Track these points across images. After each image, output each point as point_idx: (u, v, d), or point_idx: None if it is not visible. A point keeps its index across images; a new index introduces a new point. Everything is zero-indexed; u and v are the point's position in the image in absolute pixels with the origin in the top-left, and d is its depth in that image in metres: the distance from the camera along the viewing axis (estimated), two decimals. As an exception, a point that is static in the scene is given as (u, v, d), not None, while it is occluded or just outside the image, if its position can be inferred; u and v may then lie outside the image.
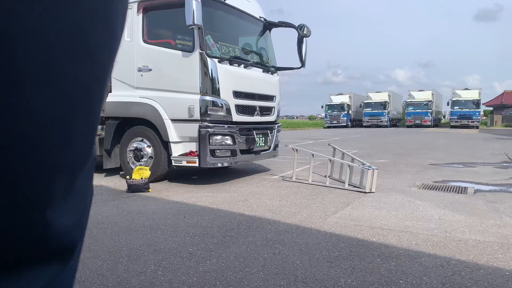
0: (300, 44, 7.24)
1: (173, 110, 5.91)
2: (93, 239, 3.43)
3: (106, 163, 6.67)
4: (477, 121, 35.72)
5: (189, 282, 2.55)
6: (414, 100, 39.65)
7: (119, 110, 6.41)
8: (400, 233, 3.62)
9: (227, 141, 5.95)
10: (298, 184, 6.19)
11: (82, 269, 2.74)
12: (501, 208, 4.61)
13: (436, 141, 17.27)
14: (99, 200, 5.07)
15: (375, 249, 3.19)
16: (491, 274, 2.69)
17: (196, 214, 4.31)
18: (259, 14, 7.19)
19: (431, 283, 2.53)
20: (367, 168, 5.60)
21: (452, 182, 6.50)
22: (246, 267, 2.76)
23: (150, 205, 4.76)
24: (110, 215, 4.26)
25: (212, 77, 5.76)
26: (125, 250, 3.14)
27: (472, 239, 3.46)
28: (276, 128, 7.23)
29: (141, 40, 6.14)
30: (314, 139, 18.32)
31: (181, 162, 5.94)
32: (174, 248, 3.17)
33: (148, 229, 3.74)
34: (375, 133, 26.12)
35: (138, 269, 2.75)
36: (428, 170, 7.93)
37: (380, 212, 4.41)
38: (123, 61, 6.33)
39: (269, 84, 7.15)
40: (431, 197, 5.23)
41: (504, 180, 6.72)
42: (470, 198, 5.22)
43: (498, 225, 3.91)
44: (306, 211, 4.47)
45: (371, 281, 2.57)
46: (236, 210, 4.49)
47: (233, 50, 6.48)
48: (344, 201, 4.97)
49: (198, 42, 5.67)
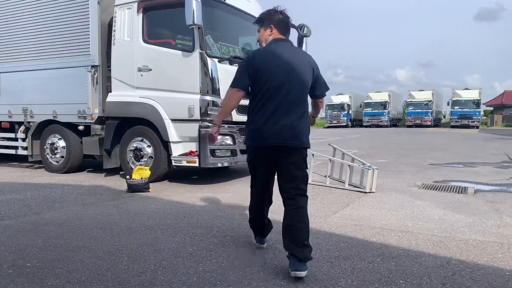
0: (300, 44, 7.23)
1: (173, 110, 5.90)
2: (93, 239, 3.42)
3: (106, 163, 6.67)
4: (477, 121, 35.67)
5: (189, 282, 2.55)
6: (414, 100, 39.61)
7: (119, 110, 6.41)
8: (400, 233, 3.62)
9: (227, 141, 5.94)
10: (298, 184, 6.17)
11: (82, 269, 2.74)
12: (501, 208, 4.61)
13: (436, 141, 17.26)
14: (99, 200, 5.07)
15: (375, 249, 3.19)
16: (491, 274, 2.69)
17: (196, 214, 4.31)
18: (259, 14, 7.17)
19: (431, 283, 2.53)
20: (367, 168, 5.59)
21: (452, 182, 6.50)
22: (246, 267, 2.76)
23: (150, 205, 4.76)
24: (110, 215, 4.26)
25: (212, 77, 5.76)
26: (125, 250, 3.14)
27: (472, 239, 3.46)
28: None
29: (141, 40, 6.14)
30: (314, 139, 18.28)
31: (181, 162, 5.94)
32: (174, 248, 3.17)
33: (148, 229, 3.74)
34: (375, 133, 26.12)
35: (138, 269, 2.75)
36: (428, 170, 7.93)
37: (380, 212, 4.41)
38: (123, 61, 6.33)
39: (269, 84, 7.13)
40: (431, 197, 5.22)
41: (504, 180, 6.71)
42: (470, 198, 5.22)
43: (498, 225, 3.91)
44: (306, 211, 4.46)
45: (371, 281, 2.57)
46: (236, 210, 4.49)
47: (233, 50, 6.48)
48: (344, 201, 4.97)
49: (198, 42, 5.67)
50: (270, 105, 2.69)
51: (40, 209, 4.54)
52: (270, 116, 2.68)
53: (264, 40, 3.02)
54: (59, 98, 7.12)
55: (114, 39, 6.37)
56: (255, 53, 2.94)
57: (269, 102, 2.69)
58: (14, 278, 2.60)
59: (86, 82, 6.74)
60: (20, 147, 7.79)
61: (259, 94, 2.73)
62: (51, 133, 7.40)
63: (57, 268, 2.76)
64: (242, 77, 2.77)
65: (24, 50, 7.52)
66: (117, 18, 6.35)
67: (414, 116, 38.70)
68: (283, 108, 2.68)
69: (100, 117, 6.75)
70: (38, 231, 3.68)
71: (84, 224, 3.90)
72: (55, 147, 7.30)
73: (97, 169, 7.57)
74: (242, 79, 2.77)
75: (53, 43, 7.13)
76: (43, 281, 2.56)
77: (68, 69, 6.98)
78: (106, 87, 6.80)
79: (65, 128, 7.19)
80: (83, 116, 6.87)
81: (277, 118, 2.67)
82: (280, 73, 2.70)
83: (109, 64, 6.57)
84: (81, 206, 4.74)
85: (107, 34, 6.74)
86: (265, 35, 3.01)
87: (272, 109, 2.68)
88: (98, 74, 6.70)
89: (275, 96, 2.69)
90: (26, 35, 7.46)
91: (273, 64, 2.73)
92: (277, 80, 2.69)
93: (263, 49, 2.91)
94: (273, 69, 2.71)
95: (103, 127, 6.74)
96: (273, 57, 2.76)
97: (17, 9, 7.55)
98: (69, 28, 6.94)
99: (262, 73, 2.71)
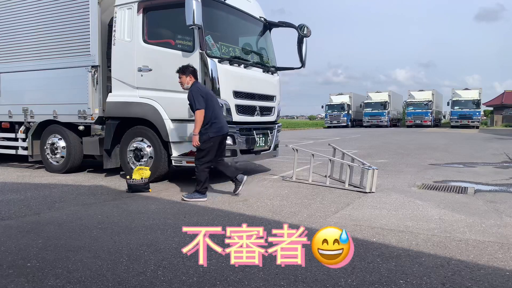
0: (300, 44, 7.24)
1: (173, 110, 5.90)
2: (93, 239, 3.43)
3: (106, 163, 6.66)
4: (477, 121, 35.68)
5: (189, 282, 2.55)
6: (414, 100, 39.60)
7: (119, 110, 6.41)
8: (400, 233, 3.62)
9: (227, 141, 5.94)
10: (298, 184, 6.19)
11: (82, 269, 2.74)
12: (501, 208, 4.61)
13: (436, 141, 17.27)
14: (99, 200, 5.07)
15: (375, 249, 3.19)
16: (491, 274, 2.69)
17: (196, 214, 4.31)
18: (259, 14, 7.18)
19: (431, 283, 2.53)
20: (367, 168, 5.59)
21: (452, 182, 6.50)
22: (246, 267, 2.76)
23: (150, 205, 4.76)
24: (110, 215, 4.26)
25: (212, 77, 5.76)
26: (125, 250, 3.14)
27: (472, 239, 3.46)
28: (276, 128, 7.23)
29: (141, 40, 6.14)
30: (314, 139, 18.32)
31: (181, 162, 5.94)
32: (174, 248, 3.17)
33: (148, 229, 3.74)
34: (375, 133, 26.12)
35: (138, 269, 2.75)
36: (428, 170, 7.93)
37: (380, 212, 4.41)
38: (123, 61, 6.33)
39: (269, 84, 7.14)
40: (431, 197, 5.23)
41: (504, 180, 6.72)
42: (470, 198, 5.22)
43: (498, 225, 3.91)
44: (306, 211, 4.47)
45: (371, 281, 2.57)
46: (236, 210, 4.50)
47: (233, 50, 6.48)
48: (344, 201, 4.97)
49: (198, 42, 5.67)
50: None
51: (40, 209, 4.54)
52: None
53: (187, 82, 5.10)
54: (59, 98, 7.12)
55: (114, 39, 6.37)
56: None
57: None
58: (14, 278, 2.61)
59: (86, 82, 6.74)
60: (20, 147, 7.79)
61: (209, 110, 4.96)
62: (51, 133, 7.40)
63: (57, 268, 2.77)
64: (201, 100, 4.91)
65: (24, 50, 7.52)
66: (117, 18, 6.35)
67: (414, 116, 38.71)
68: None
69: (100, 117, 6.75)
70: (38, 231, 3.68)
71: (84, 224, 3.90)
72: (55, 147, 7.30)
73: (97, 169, 7.57)
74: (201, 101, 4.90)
75: (53, 43, 7.13)
76: (43, 281, 2.57)
77: (68, 69, 6.98)
78: (106, 87, 6.79)
79: (65, 128, 7.19)
80: (83, 116, 6.87)
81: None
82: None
83: (109, 64, 6.57)
84: (81, 206, 4.74)
85: (107, 34, 6.74)
86: (187, 80, 5.11)
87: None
88: (98, 74, 6.70)
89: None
90: (26, 35, 7.46)
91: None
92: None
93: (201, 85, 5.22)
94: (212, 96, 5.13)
95: (103, 127, 6.73)
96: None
97: (18, 9, 7.55)
98: (69, 28, 6.94)
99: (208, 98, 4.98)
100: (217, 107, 5.13)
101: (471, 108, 35.41)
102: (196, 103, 4.87)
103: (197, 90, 4.96)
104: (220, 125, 5.04)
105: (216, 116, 5.03)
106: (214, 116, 4.98)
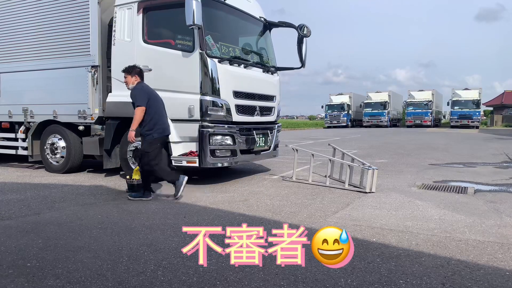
0: (300, 44, 7.23)
1: (173, 110, 5.89)
2: (93, 239, 3.43)
3: (106, 163, 6.66)
4: (477, 121, 35.67)
5: (189, 282, 2.55)
6: (414, 100, 39.60)
7: (119, 110, 6.40)
8: (400, 233, 3.62)
9: (227, 141, 5.94)
10: (298, 184, 6.19)
11: (82, 269, 2.74)
12: (501, 208, 4.61)
13: (436, 141, 17.27)
14: (99, 200, 5.07)
15: (375, 249, 3.19)
16: (491, 274, 2.69)
17: (196, 214, 4.32)
18: (259, 14, 7.18)
19: (431, 283, 2.53)
20: (367, 168, 5.59)
21: (452, 182, 6.50)
22: (246, 267, 2.76)
23: (150, 205, 4.76)
24: (110, 215, 4.26)
25: (212, 77, 5.76)
26: (125, 250, 3.14)
27: (472, 239, 3.46)
28: (276, 128, 7.23)
29: (141, 40, 6.14)
30: (314, 139, 18.31)
31: (181, 162, 5.94)
32: (174, 248, 3.17)
33: (148, 229, 3.74)
34: (375, 133, 26.12)
35: (138, 269, 2.75)
36: (428, 170, 7.93)
37: (380, 212, 4.41)
38: (123, 61, 6.31)
39: (269, 84, 7.14)
40: (431, 197, 5.23)
41: (504, 180, 6.72)
42: (470, 198, 5.22)
43: (498, 225, 3.91)
44: (306, 211, 4.47)
45: (371, 281, 2.57)
46: (236, 210, 4.50)
47: (233, 50, 6.48)
48: (344, 201, 4.97)
49: (198, 42, 5.67)
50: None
51: (40, 209, 4.54)
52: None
53: (132, 82, 5.10)
54: (59, 98, 7.12)
55: (114, 39, 6.37)
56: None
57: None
58: (14, 278, 2.61)
59: (86, 82, 6.74)
60: (20, 147, 7.79)
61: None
62: (51, 133, 7.40)
63: (57, 268, 2.77)
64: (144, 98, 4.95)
65: (24, 50, 7.52)
66: (117, 18, 6.35)
67: (414, 116, 38.70)
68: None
69: (100, 117, 6.75)
70: (38, 231, 3.68)
71: (84, 224, 3.90)
72: (55, 147, 7.30)
73: (97, 169, 7.57)
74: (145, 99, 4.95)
75: (53, 43, 7.13)
76: (43, 281, 2.57)
77: (68, 69, 6.98)
78: (106, 87, 6.80)
79: (65, 128, 7.19)
80: (83, 116, 6.87)
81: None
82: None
83: (109, 64, 6.57)
84: (81, 206, 4.74)
85: (107, 34, 6.74)
86: (132, 80, 5.11)
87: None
88: (98, 74, 6.70)
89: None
90: (26, 35, 7.46)
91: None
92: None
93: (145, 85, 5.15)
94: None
95: (103, 127, 6.73)
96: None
97: (18, 9, 7.55)
98: (69, 28, 6.94)
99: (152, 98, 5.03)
100: (161, 108, 5.11)
101: (471, 108, 35.40)
102: (138, 99, 4.92)
103: (140, 88, 5.01)
104: (164, 126, 5.10)
105: (160, 116, 5.04)
106: (158, 116, 4.99)
